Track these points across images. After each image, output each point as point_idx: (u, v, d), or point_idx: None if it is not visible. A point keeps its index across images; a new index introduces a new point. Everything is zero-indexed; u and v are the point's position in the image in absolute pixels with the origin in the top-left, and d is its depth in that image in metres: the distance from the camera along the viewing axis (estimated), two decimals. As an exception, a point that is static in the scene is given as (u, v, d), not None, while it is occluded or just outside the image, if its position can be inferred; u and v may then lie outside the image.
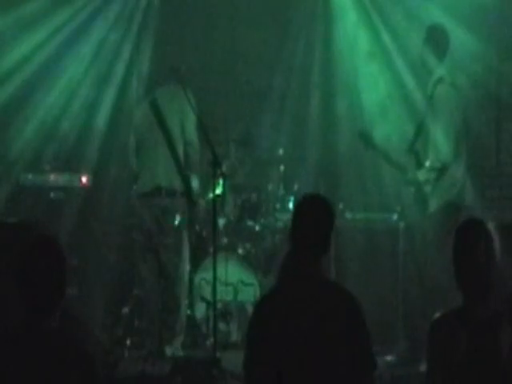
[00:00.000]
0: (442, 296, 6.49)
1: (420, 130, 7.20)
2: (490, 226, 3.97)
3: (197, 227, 7.89)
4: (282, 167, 8.29)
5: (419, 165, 7.11)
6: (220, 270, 7.16)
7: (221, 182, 7.72)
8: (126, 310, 7.58)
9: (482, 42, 8.26)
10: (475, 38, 8.18)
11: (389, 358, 7.01)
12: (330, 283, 4.12)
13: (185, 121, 7.26)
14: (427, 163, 7.05)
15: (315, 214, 4.08)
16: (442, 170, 6.98)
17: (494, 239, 3.90)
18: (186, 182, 7.28)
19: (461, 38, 7.80)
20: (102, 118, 8.41)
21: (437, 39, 7.16)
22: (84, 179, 7.94)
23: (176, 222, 7.23)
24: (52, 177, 7.92)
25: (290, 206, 8.16)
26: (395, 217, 7.87)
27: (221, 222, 8.00)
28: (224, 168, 7.38)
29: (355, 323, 3.99)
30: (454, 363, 3.74)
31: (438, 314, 3.92)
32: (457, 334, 3.75)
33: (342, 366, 3.91)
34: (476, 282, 3.81)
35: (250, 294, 7.67)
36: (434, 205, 7.05)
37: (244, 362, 4.07)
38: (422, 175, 7.08)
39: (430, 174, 7.04)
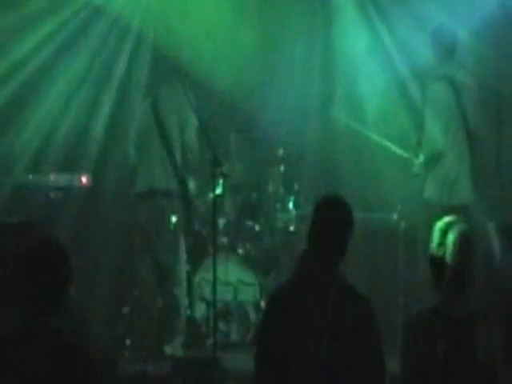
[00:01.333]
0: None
1: (419, 121, 7.31)
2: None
3: (196, 227, 7.90)
4: (282, 167, 8.29)
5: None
6: (220, 270, 7.16)
7: (221, 182, 7.73)
8: (126, 309, 7.58)
9: (482, 41, 8.26)
10: (475, 37, 8.18)
11: (388, 357, 7.00)
12: (346, 286, 4.11)
13: (184, 125, 7.25)
14: (421, 155, 7.18)
15: (336, 217, 4.07)
16: (432, 158, 7.09)
17: (474, 240, 3.91)
18: (183, 183, 7.28)
19: (461, 38, 7.80)
20: (102, 118, 8.41)
21: (443, 39, 7.17)
22: (84, 179, 7.94)
23: (172, 223, 7.23)
24: (52, 177, 7.91)
25: (290, 205, 8.16)
26: (395, 217, 7.87)
27: (221, 221, 8.00)
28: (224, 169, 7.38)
29: (368, 326, 4.01)
30: (432, 362, 3.74)
31: (414, 313, 3.94)
32: (433, 332, 3.75)
33: (353, 364, 3.92)
34: (455, 282, 3.81)
35: (250, 294, 7.68)
36: (428, 192, 7.14)
37: (256, 354, 4.07)
38: (417, 168, 7.19)
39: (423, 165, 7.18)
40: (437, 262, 3.86)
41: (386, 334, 7.26)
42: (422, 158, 7.29)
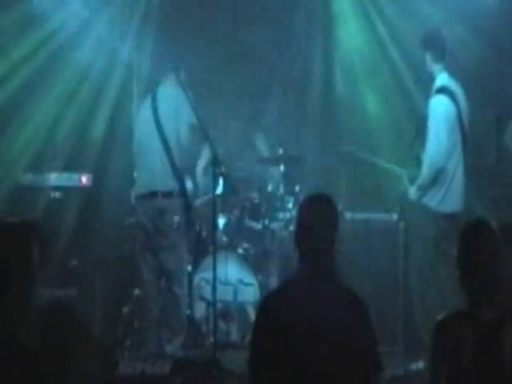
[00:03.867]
0: (442, 296, 6.50)
1: (418, 134, 7.22)
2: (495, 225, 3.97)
3: (196, 227, 7.90)
4: (282, 167, 8.29)
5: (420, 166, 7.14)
6: (220, 270, 7.17)
7: (221, 181, 7.73)
8: (126, 309, 7.58)
9: (482, 41, 8.27)
10: (475, 37, 8.18)
11: (389, 357, 7.00)
12: (337, 284, 4.11)
13: (180, 128, 7.21)
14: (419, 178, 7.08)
15: (320, 214, 4.07)
16: (432, 177, 7.01)
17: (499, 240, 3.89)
18: (182, 183, 7.27)
19: (461, 38, 7.80)
20: (102, 118, 8.40)
21: (433, 43, 7.16)
22: (84, 179, 7.94)
23: (173, 223, 7.22)
24: (52, 177, 7.91)
25: (290, 205, 8.16)
26: (395, 217, 7.87)
27: (221, 221, 8.01)
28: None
29: (363, 324, 4.00)
30: (459, 365, 3.74)
31: (441, 316, 3.92)
32: (463, 335, 3.75)
33: (349, 366, 3.92)
34: (482, 283, 3.80)
35: (250, 293, 7.68)
36: (414, 194, 7.09)
37: (249, 358, 4.06)
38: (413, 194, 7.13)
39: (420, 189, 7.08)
40: (465, 266, 3.84)
41: (387, 334, 7.32)
42: (420, 181, 7.09)
